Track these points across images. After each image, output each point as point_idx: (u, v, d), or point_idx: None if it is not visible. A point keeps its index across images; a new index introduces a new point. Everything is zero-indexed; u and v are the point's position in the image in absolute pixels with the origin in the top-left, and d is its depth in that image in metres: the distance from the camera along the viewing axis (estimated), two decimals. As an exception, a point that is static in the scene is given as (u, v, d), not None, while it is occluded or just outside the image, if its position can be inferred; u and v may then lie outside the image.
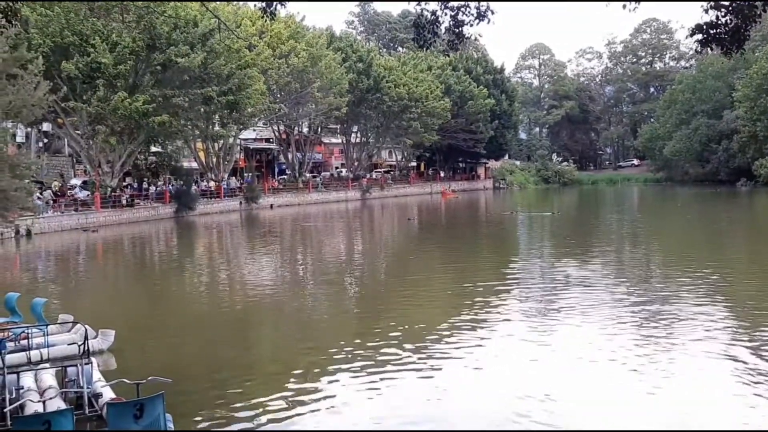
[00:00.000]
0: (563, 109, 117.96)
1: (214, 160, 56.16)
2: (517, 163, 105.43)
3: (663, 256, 26.46)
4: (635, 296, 16.93)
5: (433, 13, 10.37)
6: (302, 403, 9.77)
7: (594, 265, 22.98)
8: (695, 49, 10.58)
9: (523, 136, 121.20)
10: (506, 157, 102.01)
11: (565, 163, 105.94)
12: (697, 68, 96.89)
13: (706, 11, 9.94)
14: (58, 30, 39.83)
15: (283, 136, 67.66)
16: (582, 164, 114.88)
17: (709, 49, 10.50)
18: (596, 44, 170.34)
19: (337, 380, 10.80)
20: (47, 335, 11.22)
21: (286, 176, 69.65)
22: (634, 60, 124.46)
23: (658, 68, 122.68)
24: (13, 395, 8.68)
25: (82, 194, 43.01)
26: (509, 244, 33.67)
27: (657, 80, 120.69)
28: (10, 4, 9.66)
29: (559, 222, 42.81)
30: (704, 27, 9.88)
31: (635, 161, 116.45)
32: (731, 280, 19.28)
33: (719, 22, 9.78)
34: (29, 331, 11.36)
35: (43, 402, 8.42)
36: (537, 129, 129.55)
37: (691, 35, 10.03)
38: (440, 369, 11.30)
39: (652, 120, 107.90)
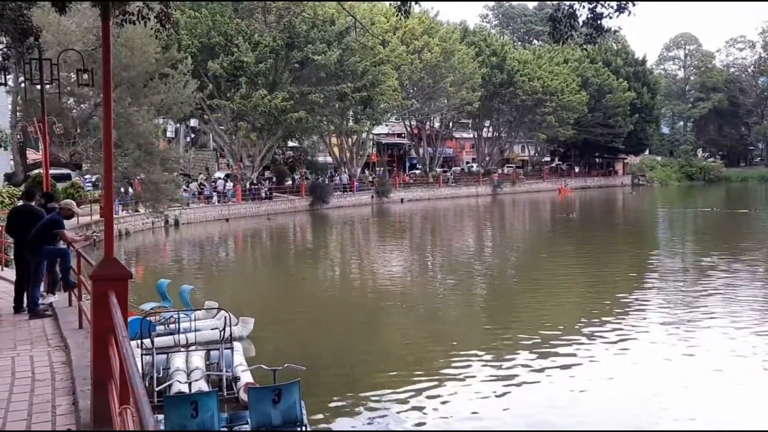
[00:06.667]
0: (710, 102, 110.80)
1: (348, 154, 57.48)
2: (658, 158, 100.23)
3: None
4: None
5: (571, 6, 10.08)
6: (427, 400, 9.85)
7: (742, 268, 21.55)
8: None
9: (665, 130, 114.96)
10: (646, 152, 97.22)
11: (711, 159, 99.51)
12: None
13: None
14: (205, 31, 42.30)
15: (415, 131, 68.14)
16: (730, 160, 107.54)
17: None
18: (749, 33, 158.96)
19: (464, 377, 10.79)
20: (193, 320, 11.91)
21: (417, 171, 70.10)
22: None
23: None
24: (160, 374, 9.31)
25: (225, 187, 45.33)
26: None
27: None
28: (164, 9, 10.32)
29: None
30: None
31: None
32: None
33: None
34: (177, 315, 12.15)
35: (189, 383, 8.97)
36: (681, 123, 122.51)
37: None
38: (569, 371, 11.03)
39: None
